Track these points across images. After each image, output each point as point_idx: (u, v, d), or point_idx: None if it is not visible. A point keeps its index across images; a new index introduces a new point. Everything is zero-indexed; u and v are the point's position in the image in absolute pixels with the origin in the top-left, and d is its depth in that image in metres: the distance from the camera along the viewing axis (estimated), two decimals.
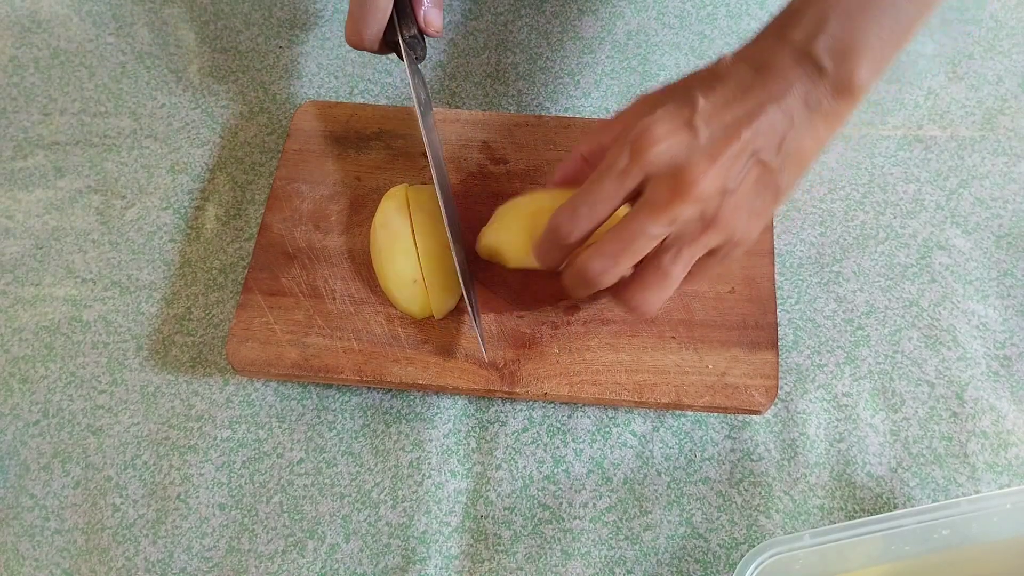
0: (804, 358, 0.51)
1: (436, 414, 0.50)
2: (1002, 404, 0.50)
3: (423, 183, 0.54)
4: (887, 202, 0.57)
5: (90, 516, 0.48)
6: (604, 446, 0.49)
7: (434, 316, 0.49)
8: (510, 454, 0.49)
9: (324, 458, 0.49)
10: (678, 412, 0.50)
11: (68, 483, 0.49)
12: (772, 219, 0.52)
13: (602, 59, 0.63)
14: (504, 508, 0.48)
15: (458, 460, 0.49)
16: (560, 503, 0.48)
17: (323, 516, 0.47)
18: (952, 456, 0.49)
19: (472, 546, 0.47)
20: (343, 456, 0.49)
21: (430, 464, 0.49)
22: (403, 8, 0.48)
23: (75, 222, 0.57)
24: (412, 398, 0.51)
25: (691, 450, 0.49)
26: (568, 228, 0.40)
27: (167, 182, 0.58)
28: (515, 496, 0.48)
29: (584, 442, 0.49)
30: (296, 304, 0.50)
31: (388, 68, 0.63)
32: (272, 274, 0.51)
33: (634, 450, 0.49)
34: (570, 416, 0.50)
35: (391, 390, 0.51)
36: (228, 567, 0.46)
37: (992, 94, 0.61)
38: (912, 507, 0.46)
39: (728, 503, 0.47)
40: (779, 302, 0.53)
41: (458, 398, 0.51)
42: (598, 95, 0.61)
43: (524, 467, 0.49)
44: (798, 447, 0.49)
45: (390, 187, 0.52)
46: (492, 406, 0.50)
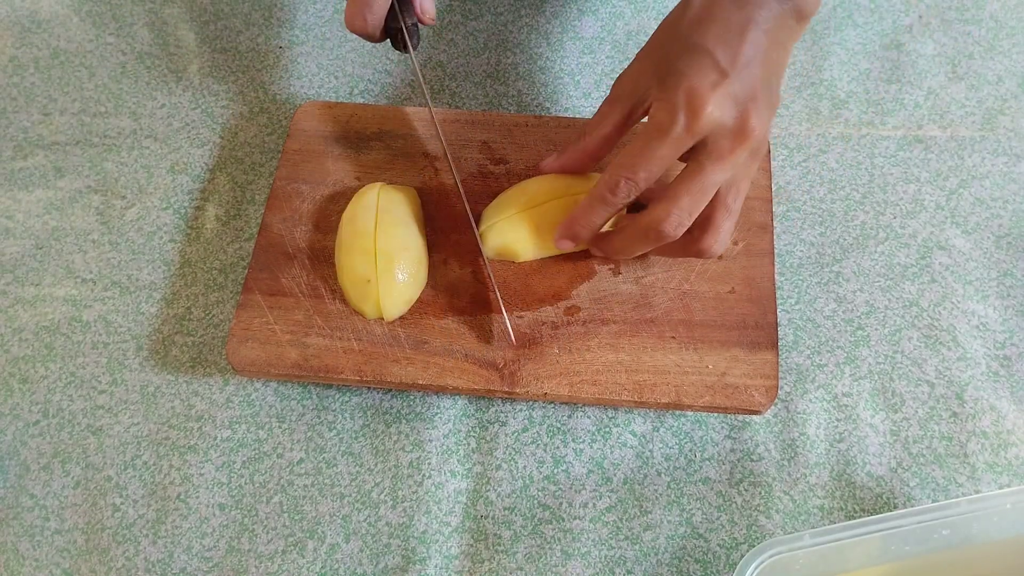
0: (804, 358, 0.51)
1: (436, 414, 0.50)
2: (1002, 404, 0.50)
3: (422, 184, 0.54)
4: (887, 202, 0.57)
5: (90, 516, 0.48)
6: (604, 446, 0.49)
7: (384, 319, 0.49)
8: (510, 454, 0.49)
9: (324, 458, 0.49)
10: (678, 412, 0.50)
11: (68, 483, 0.49)
12: (772, 220, 0.52)
13: (602, 59, 0.63)
14: (504, 508, 0.48)
15: (458, 460, 0.49)
16: (560, 503, 0.48)
17: (323, 516, 0.47)
18: (952, 456, 0.49)
19: (472, 546, 0.47)
20: (343, 456, 0.49)
21: (430, 464, 0.49)
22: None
23: (75, 222, 0.57)
24: (412, 398, 0.51)
25: (691, 450, 0.49)
26: (626, 191, 0.43)
27: (167, 182, 0.58)
28: (515, 496, 0.48)
29: (584, 442, 0.49)
30: (296, 304, 0.50)
31: (388, 68, 0.63)
32: (272, 274, 0.51)
33: (634, 450, 0.49)
34: (570, 416, 0.50)
35: (391, 390, 0.51)
36: (228, 567, 0.46)
37: (992, 94, 0.61)
38: (912, 507, 0.46)
39: (728, 503, 0.47)
40: (779, 302, 0.53)
41: (458, 398, 0.51)
42: (598, 95, 0.61)
43: (524, 467, 0.49)
44: (798, 447, 0.49)
45: None
46: (492, 406, 0.50)
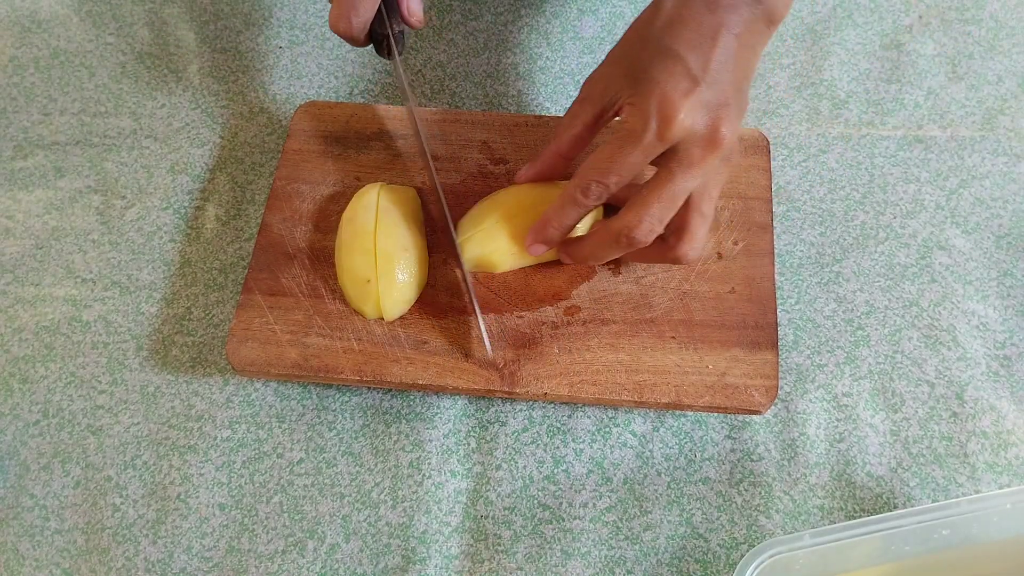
0: (804, 358, 0.51)
1: (436, 414, 0.50)
2: (1002, 404, 0.50)
3: (422, 184, 0.54)
4: (887, 202, 0.57)
5: (90, 516, 0.48)
6: (604, 446, 0.49)
7: (384, 319, 0.49)
8: (510, 454, 0.49)
9: (324, 458, 0.49)
10: (678, 412, 0.50)
11: (68, 483, 0.49)
12: (772, 220, 0.52)
13: (602, 59, 0.63)
14: (504, 508, 0.48)
15: (458, 460, 0.49)
16: (560, 503, 0.48)
17: (323, 516, 0.47)
18: (952, 456, 0.49)
19: (472, 546, 0.47)
20: (343, 456, 0.49)
21: (430, 464, 0.49)
22: (390, 2, 0.48)
23: (75, 222, 0.57)
24: (412, 398, 0.51)
25: (691, 450, 0.49)
26: (597, 193, 0.43)
27: (167, 182, 0.58)
28: (515, 496, 0.48)
29: (584, 442, 0.49)
30: (296, 304, 0.50)
31: (388, 68, 0.63)
32: (272, 274, 0.51)
33: (634, 450, 0.49)
34: (570, 416, 0.50)
35: (391, 390, 0.51)
36: (228, 567, 0.46)
37: (992, 94, 0.61)
38: (912, 507, 0.46)
39: (728, 503, 0.47)
40: (779, 302, 0.53)
41: (458, 398, 0.51)
42: None
43: (524, 467, 0.49)
44: (798, 447, 0.49)
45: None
46: (492, 406, 0.50)
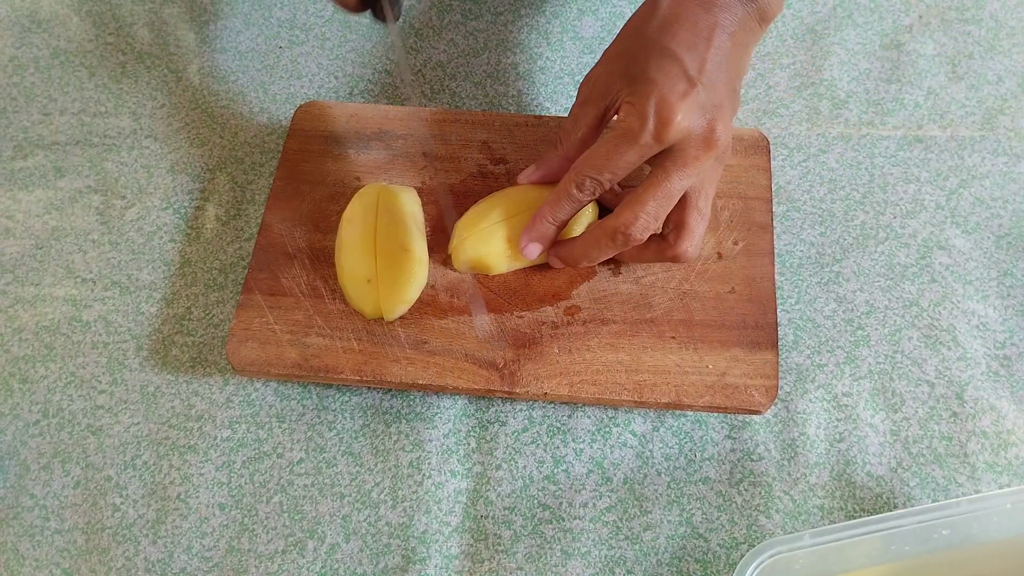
0: (804, 358, 0.51)
1: (436, 414, 0.50)
2: (1002, 404, 0.50)
3: (422, 184, 0.54)
4: (887, 202, 0.57)
5: (90, 516, 0.48)
6: (604, 446, 0.49)
7: (384, 318, 0.49)
8: (510, 454, 0.49)
9: (324, 458, 0.49)
10: (678, 412, 0.50)
11: (68, 483, 0.49)
12: (772, 220, 0.52)
13: None
14: (504, 508, 0.48)
15: (458, 460, 0.49)
16: (560, 503, 0.48)
17: (323, 516, 0.47)
18: (952, 456, 0.49)
19: (472, 546, 0.47)
20: (343, 456, 0.49)
21: (430, 464, 0.49)
22: None
23: (75, 222, 0.57)
24: (412, 398, 0.51)
25: (691, 450, 0.49)
26: (591, 189, 0.44)
27: (167, 182, 0.58)
28: (515, 496, 0.48)
29: (584, 442, 0.49)
30: (296, 304, 0.50)
31: (388, 68, 0.63)
32: (272, 274, 0.51)
33: (634, 450, 0.49)
34: (570, 416, 0.50)
35: (391, 390, 0.51)
36: (228, 567, 0.46)
37: (992, 94, 0.61)
38: (912, 507, 0.46)
39: (728, 503, 0.47)
40: (779, 302, 0.53)
41: (458, 398, 0.51)
42: None
43: (524, 467, 0.49)
44: (798, 447, 0.49)
45: None
46: (492, 406, 0.50)
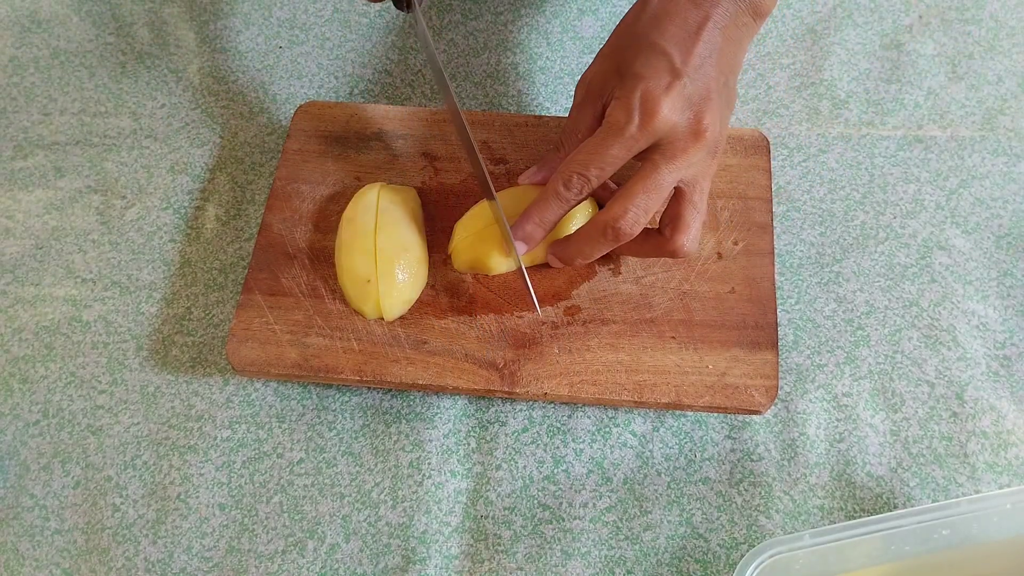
0: (804, 358, 0.51)
1: (436, 414, 0.50)
2: (1002, 404, 0.50)
3: (422, 184, 0.54)
4: (887, 202, 0.57)
5: (90, 516, 0.48)
6: (604, 446, 0.49)
7: (384, 318, 0.49)
8: (510, 454, 0.49)
9: (324, 458, 0.49)
10: (678, 412, 0.50)
11: (68, 483, 0.49)
12: (772, 220, 0.52)
13: None
14: (504, 508, 0.48)
15: (458, 460, 0.49)
16: (560, 503, 0.48)
17: (323, 516, 0.47)
18: (952, 456, 0.49)
19: (472, 546, 0.47)
20: (343, 456, 0.49)
21: (430, 464, 0.49)
22: None
23: (75, 222, 0.57)
24: (412, 398, 0.51)
25: (691, 450, 0.49)
26: (579, 187, 0.44)
27: (167, 182, 0.58)
28: (515, 496, 0.48)
29: (584, 442, 0.49)
30: (296, 304, 0.50)
31: (388, 68, 0.63)
32: (272, 274, 0.51)
33: (634, 450, 0.49)
34: (570, 416, 0.50)
35: (391, 390, 0.51)
36: (228, 567, 0.46)
37: (992, 94, 0.61)
38: (912, 507, 0.46)
39: (728, 503, 0.47)
40: (779, 302, 0.53)
41: (458, 398, 0.51)
42: None
43: (524, 467, 0.49)
44: (798, 447, 0.49)
45: None
46: (492, 406, 0.50)
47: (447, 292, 0.50)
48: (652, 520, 0.47)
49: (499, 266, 0.50)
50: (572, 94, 0.61)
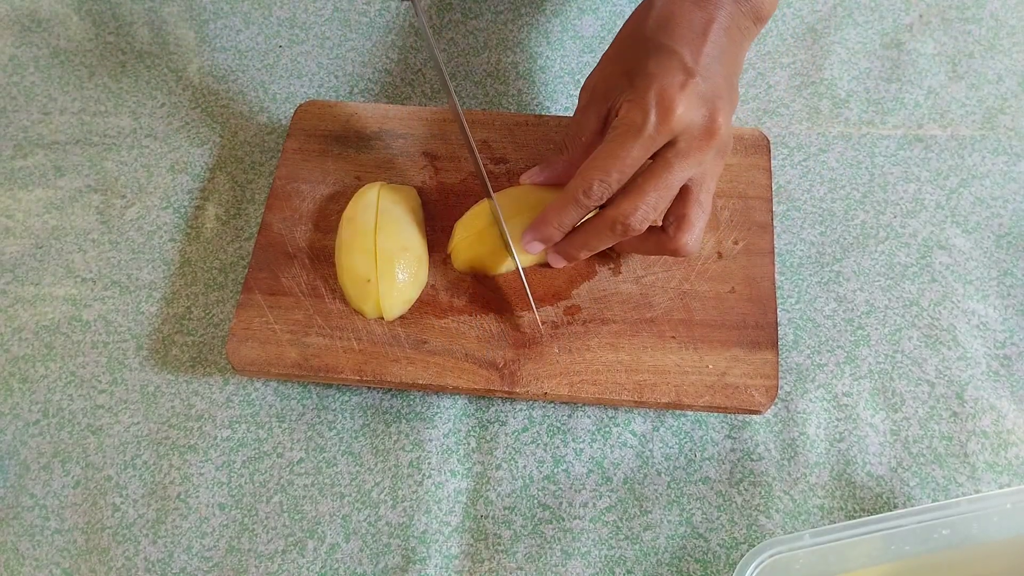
0: (804, 358, 0.51)
1: (436, 414, 0.50)
2: (1002, 404, 0.50)
3: (422, 184, 0.54)
4: (887, 202, 0.57)
5: (90, 516, 0.48)
6: (604, 446, 0.49)
7: (384, 318, 0.49)
8: (510, 454, 0.49)
9: (324, 458, 0.49)
10: (678, 412, 0.50)
11: (68, 483, 0.49)
12: (772, 219, 0.52)
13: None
14: (504, 508, 0.48)
15: (458, 460, 0.49)
16: (560, 503, 0.48)
17: (323, 516, 0.47)
18: (952, 456, 0.49)
19: (472, 546, 0.47)
20: (343, 456, 0.49)
21: (430, 464, 0.49)
22: None
23: (75, 222, 0.57)
24: (412, 398, 0.51)
25: (691, 450, 0.49)
26: (601, 191, 0.43)
27: (167, 182, 0.58)
28: (515, 496, 0.48)
29: (584, 442, 0.49)
30: (296, 304, 0.50)
31: (388, 68, 0.63)
32: (272, 274, 0.51)
33: (634, 450, 0.49)
34: (570, 416, 0.50)
35: (391, 390, 0.51)
36: (228, 567, 0.46)
37: (992, 93, 0.61)
38: (912, 507, 0.46)
39: (728, 503, 0.47)
40: (779, 302, 0.53)
41: (458, 398, 0.51)
42: None
43: (524, 467, 0.49)
44: (798, 447, 0.49)
45: None
46: (492, 406, 0.50)
47: (447, 292, 0.50)
48: (652, 520, 0.47)
49: (499, 266, 0.50)
50: (572, 94, 0.61)
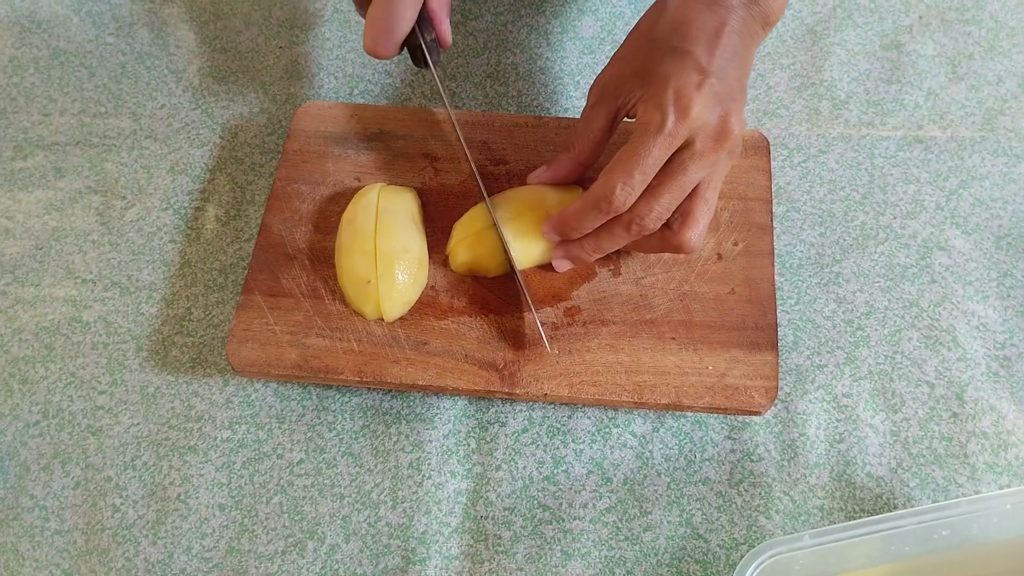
0: (804, 359, 0.51)
1: (436, 415, 0.50)
2: (1002, 404, 0.50)
3: (422, 184, 0.54)
4: (887, 202, 0.57)
5: (90, 517, 0.48)
6: (604, 447, 0.49)
7: (384, 319, 0.49)
8: (510, 455, 0.49)
9: (324, 459, 0.49)
10: (678, 413, 0.50)
11: (68, 484, 0.49)
12: (772, 220, 0.52)
13: (602, 59, 0.63)
14: (504, 509, 0.48)
15: (458, 461, 0.49)
16: (560, 504, 0.48)
17: (323, 517, 0.47)
18: (952, 456, 0.49)
19: (472, 547, 0.47)
20: (343, 457, 0.49)
21: (430, 465, 0.49)
22: (421, 15, 0.46)
23: (75, 222, 0.57)
24: (412, 399, 0.51)
25: (691, 451, 0.49)
26: (624, 196, 0.42)
27: (167, 182, 0.58)
28: (515, 497, 0.48)
29: (584, 443, 0.49)
30: (296, 305, 0.50)
31: (388, 68, 0.63)
32: (272, 275, 0.51)
33: (634, 451, 0.49)
34: (570, 417, 0.50)
35: (391, 391, 0.51)
36: (228, 568, 0.46)
37: (992, 94, 0.61)
38: (912, 507, 0.46)
39: (728, 503, 0.47)
40: (779, 303, 0.53)
41: (458, 399, 0.51)
42: None
43: (524, 468, 0.49)
44: (798, 448, 0.49)
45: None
46: (492, 407, 0.50)
47: (447, 293, 0.50)
48: (652, 520, 0.47)
49: (497, 268, 0.50)
50: (572, 94, 0.61)
